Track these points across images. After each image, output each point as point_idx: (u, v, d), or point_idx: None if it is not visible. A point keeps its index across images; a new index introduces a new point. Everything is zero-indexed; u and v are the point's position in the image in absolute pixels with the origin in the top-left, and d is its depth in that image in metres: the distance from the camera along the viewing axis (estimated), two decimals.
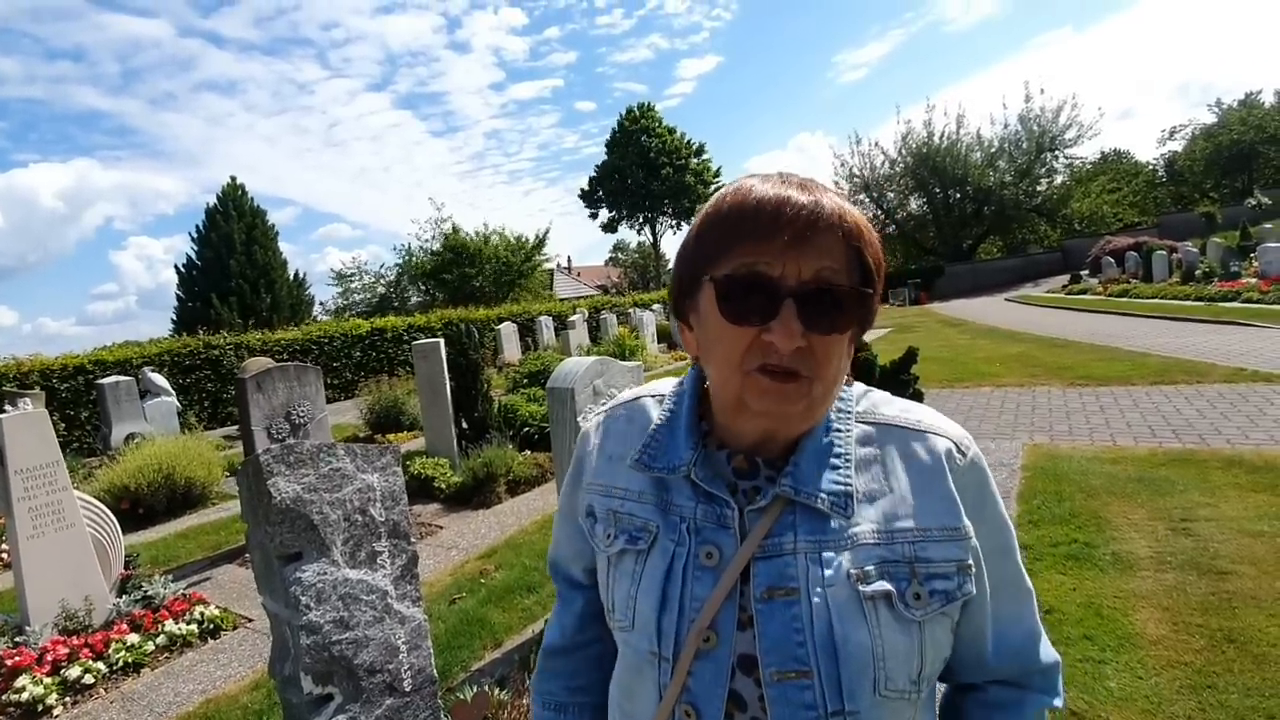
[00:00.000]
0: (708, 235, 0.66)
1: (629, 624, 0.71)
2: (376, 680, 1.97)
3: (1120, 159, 49.61)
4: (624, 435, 0.79)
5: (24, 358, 11.16)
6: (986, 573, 0.69)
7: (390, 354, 16.24)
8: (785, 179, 0.65)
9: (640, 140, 42.29)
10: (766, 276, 0.62)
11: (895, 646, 0.63)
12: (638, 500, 0.74)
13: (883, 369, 5.27)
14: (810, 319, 0.61)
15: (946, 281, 33.60)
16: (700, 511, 0.70)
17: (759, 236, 0.62)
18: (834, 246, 0.63)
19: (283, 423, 5.32)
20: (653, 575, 0.70)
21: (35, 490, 3.61)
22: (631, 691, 0.74)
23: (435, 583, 4.11)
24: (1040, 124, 35.87)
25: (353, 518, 1.96)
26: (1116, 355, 9.34)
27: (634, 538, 0.73)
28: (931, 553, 0.65)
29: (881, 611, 0.63)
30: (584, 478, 0.82)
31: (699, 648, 0.66)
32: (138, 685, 3.30)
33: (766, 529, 0.67)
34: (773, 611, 0.64)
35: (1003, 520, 0.72)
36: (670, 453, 0.72)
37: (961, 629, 0.70)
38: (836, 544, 0.65)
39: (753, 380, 0.64)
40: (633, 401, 0.82)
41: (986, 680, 0.75)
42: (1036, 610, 0.76)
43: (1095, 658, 2.58)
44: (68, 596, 3.65)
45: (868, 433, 0.71)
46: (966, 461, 0.70)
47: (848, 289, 0.63)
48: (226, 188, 26.27)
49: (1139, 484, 4.32)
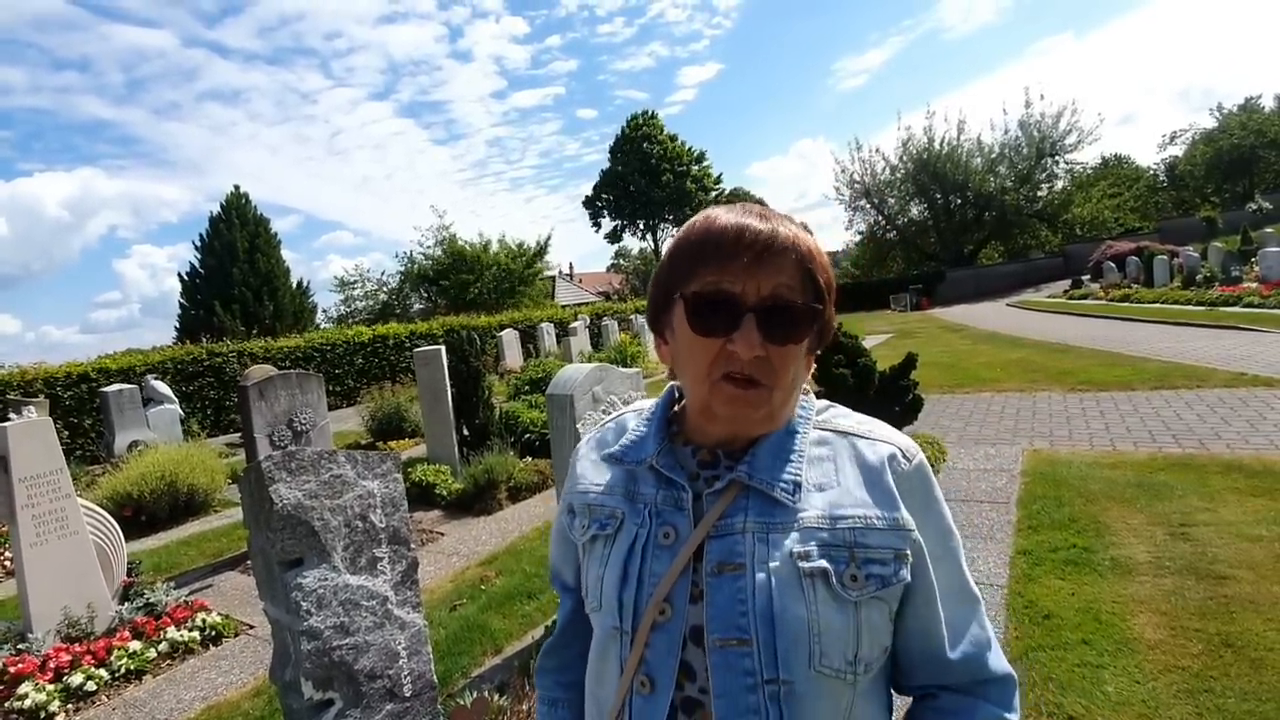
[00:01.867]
0: (679, 259, 0.74)
1: (597, 604, 0.78)
2: (377, 686, 1.98)
3: (1121, 164, 49.62)
4: (609, 444, 0.88)
5: (28, 366, 11.22)
6: (935, 575, 0.74)
7: (392, 361, 16.28)
8: (746, 209, 0.74)
9: (643, 147, 42.49)
10: (730, 293, 0.70)
11: (830, 622, 0.68)
12: (608, 492, 0.83)
13: (882, 374, 5.29)
14: (768, 331, 0.69)
15: (948, 287, 33.60)
16: (660, 496, 0.78)
17: (722, 258, 0.70)
18: (788, 267, 0.71)
19: (285, 430, 5.34)
20: (617, 555, 0.77)
21: (39, 498, 3.64)
22: (599, 674, 0.80)
23: (436, 589, 4.12)
24: (1041, 129, 35.90)
25: (353, 524, 1.99)
26: (1117, 360, 9.35)
27: (603, 524, 0.81)
28: (871, 539, 0.71)
29: (819, 588, 0.69)
30: (570, 485, 0.90)
31: (655, 620, 0.72)
32: (140, 692, 3.32)
33: (720, 511, 0.73)
34: (720, 585, 0.70)
35: (947, 526, 0.77)
36: (639, 448, 0.82)
37: (911, 625, 0.75)
38: (783, 526, 0.72)
39: (719, 387, 0.72)
40: (619, 417, 0.92)
41: (939, 685, 0.77)
42: (984, 619, 0.78)
43: (1093, 662, 2.58)
44: (70, 604, 3.67)
45: (823, 437, 0.79)
46: (911, 467, 0.76)
47: (801, 305, 0.71)
48: (230, 196, 26.39)
49: (1138, 489, 4.33)
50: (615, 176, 43.58)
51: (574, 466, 0.90)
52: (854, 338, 5.52)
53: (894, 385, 5.28)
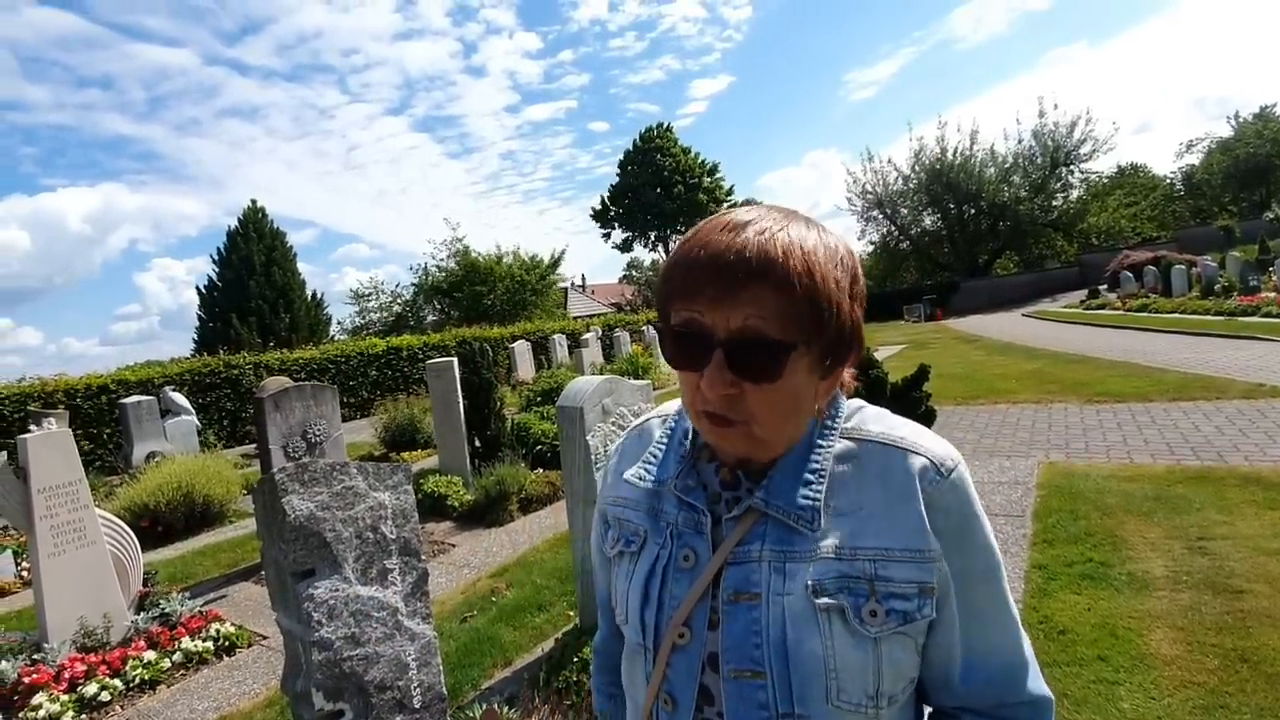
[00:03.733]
0: (662, 287, 0.71)
1: (624, 618, 0.79)
2: (386, 697, 2.00)
3: (1137, 173, 49.23)
4: (634, 453, 0.86)
5: (49, 377, 11.42)
6: (966, 597, 0.69)
7: (406, 373, 16.40)
8: (731, 225, 0.65)
9: (655, 159, 42.73)
10: (700, 326, 0.65)
11: (848, 659, 0.65)
12: (634, 508, 0.82)
13: (894, 386, 5.26)
14: (740, 368, 0.64)
15: (962, 297, 33.42)
16: (681, 518, 0.76)
17: (688, 290, 0.65)
18: (764, 296, 0.62)
19: (299, 441, 5.40)
20: (640, 574, 0.77)
21: (57, 508, 3.69)
22: (631, 678, 0.81)
23: (447, 601, 4.13)
24: (1054, 139, 35.76)
25: (364, 535, 2.01)
26: (1134, 371, 9.23)
27: (629, 541, 0.81)
28: (892, 572, 0.66)
29: (835, 624, 0.66)
30: (603, 492, 0.90)
31: (675, 642, 0.72)
32: (154, 702, 3.35)
33: (739, 537, 0.71)
34: (736, 614, 0.69)
35: (985, 544, 0.70)
36: (662, 467, 0.80)
37: (932, 653, 0.71)
38: (800, 556, 0.68)
39: (701, 422, 0.70)
40: (644, 423, 0.90)
41: (958, 707, 0.73)
42: (1024, 642, 0.73)
43: (1109, 678, 2.55)
44: (87, 614, 3.71)
45: (849, 449, 0.73)
46: (946, 482, 0.69)
47: (772, 340, 0.63)
48: (247, 210, 26.86)
49: (1155, 502, 4.26)
50: (626, 188, 43.84)
51: (606, 475, 0.91)
52: (866, 349, 5.51)
53: (906, 397, 5.25)
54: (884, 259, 43.19)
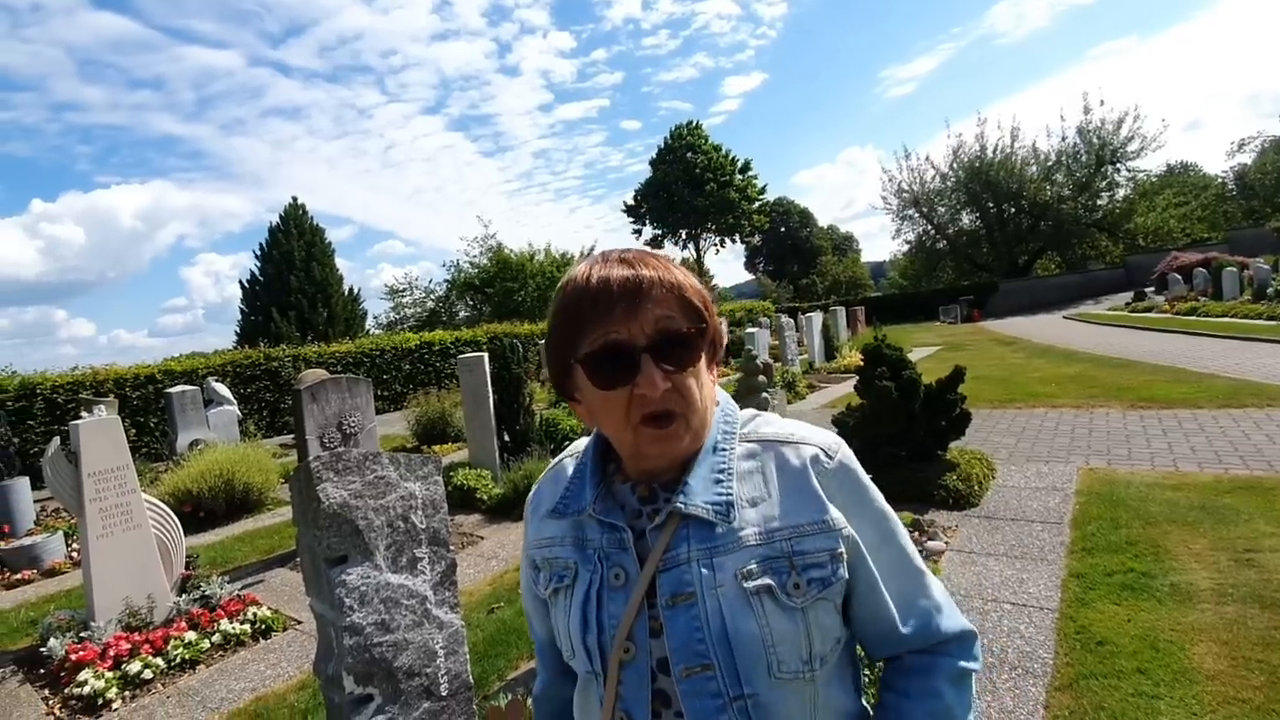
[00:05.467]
0: (563, 326, 0.77)
1: (570, 651, 0.82)
2: (414, 683, 2.03)
3: (1188, 171, 47.44)
4: (550, 495, 0.89)
5: (100, 367, 11.88)
6: (874, 560, 0.78)
7: (438, 367, 16.65)
8: (605, 258, 0.77)
9: (686, 157, 42.58)
10: (619, 342, 0.73)
11: (783, 633, 0.72)
12: (560, 545, 0.85)
13: (928, 388, 5.17)
14: (666, 363, 0.73)
15: (1001, 298, 32.59)
16: (605, 540, 0.80)
17: (600, 312, 0.73)
18: (664, 299, 0.73)
19: (335, 432, 5.52)
20: (576, 603, 0.80)
21: (106, 492, 3.84)
22: (584, 710, 0.84)
23: (475, 591, 4.19)
24: (1100, 136, 34.60)
25: (395, 524, 2.04)
26: (1182, 376, 8.91)
27: (560, 576, 0.83)
28: (806, 545, 0.75)
29: (766, 603, 0.72)
30: (527, 540, 0.93)
31: (621, 659, 0.75)
32: (193, 681, 3.46)
33: (665, 544, 0.76)
34: (676, 616, 0.73)
35: (879, 511, 0.81)
36: (577, 498, 0.84)
37: (860, 613, 0.80)
38: (724, 548, 0.75)
39: (641, 432, 0.75)
40: (557, 465, 0.94)
41: (904, 652, 0.82)
42: (935, 586, 0.83)
43: (1149, 692, 2.46)
44: (132, 594, 3.85)
45: (750, 449, 0.81)
46: (834, 463, 0.79)
47: (685, 331, 0.74)
48: (288, 207, 27.51)
49: (1201, 512, 4.11)
50: (658, 185, 43.78)
51: (528, 524, 0.93)
52: (898, 350, 5.41)
53: (940, 399, 5.15)
54: (919, 259, 42.38)
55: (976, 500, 4.73)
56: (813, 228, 61.16)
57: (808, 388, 11.73)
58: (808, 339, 15.17)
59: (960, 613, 0.84)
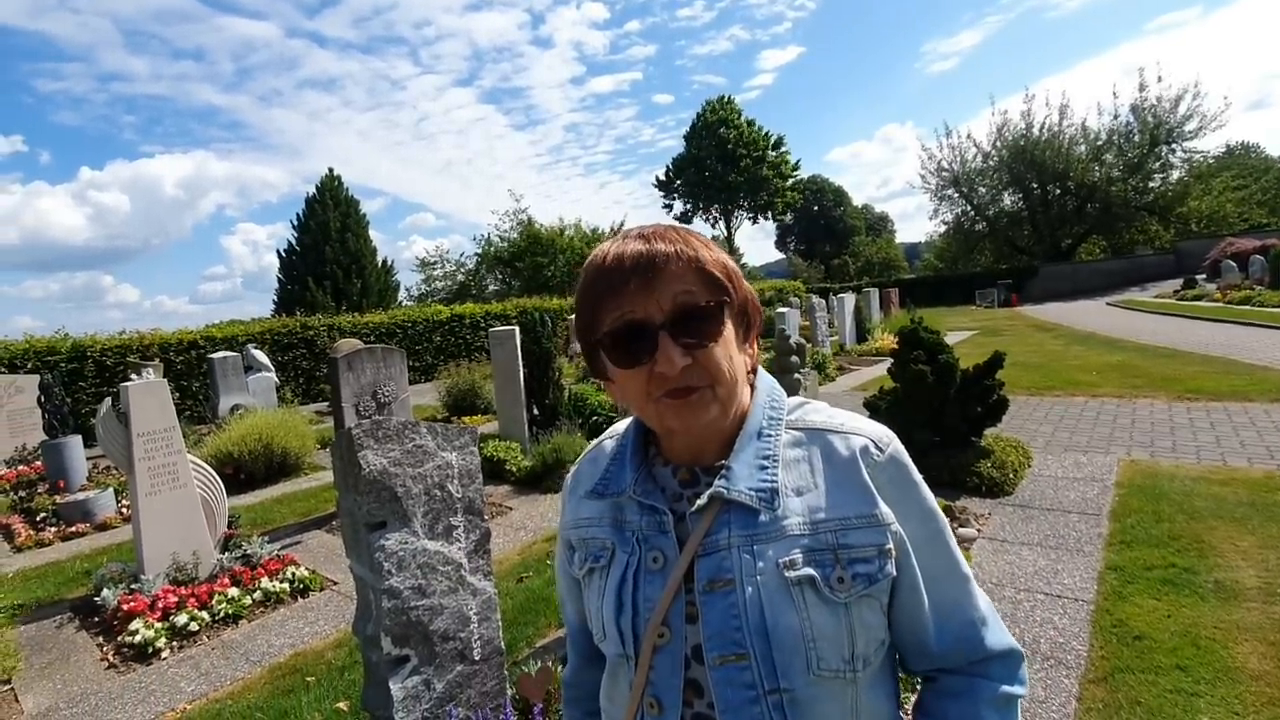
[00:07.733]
0: (582, 309, 0.76)
1: (601, 634, 0.80)
2: (449, 647, 2.08)
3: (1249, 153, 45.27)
4: (590, 475, 0.88)
5: (145, 332, 12.24)
6: (918, 561, 0.75)
7: (468, 340, 16.82)
8: (625, 236, 0.75)
9: (719, 132, 41.93)
10: (636, 320, 0.71)
11: (823, 628, 0.69)
12: (598, 525, 0.83)
13: (964, 373, 5.07)
14: (685, 339, 0.71)
15: (1041, 283, 31.65)
16: (645, 522, 0.78)
17: (614, 290, 0.72)
18: (682, 273, 0.72)
19: (369, 401, 5.62)
20: (611, 584, 0.78)
21: (154, 452, 3.98)
22: (611, 695, 0.82)
23: (504, 560, 4.26)
24: (1156, 114, 32.99)
25: (432, 492, 2.08)
26: (1233, 368, 8.58)
27: (597, 557, 0.82)
28: (852, 539, 0.72)
29: (808, 595, 0.70)
30: (563, 520, 0.92)
31: (655, 643, 0.74)
32: (236, 635, 3.60)
33: (705, 529, 0.74)
34: (713, 602, 0.71)
35: (928, 509, 0.77)
36: (618, 479, 0.82)
37: (897, 615, 0.76)
38: (767, 537, 0.72)
39: (663, 405, 0.73)
40: (596, 447, 0.92)
41: (936, 669, 0.79)
42: (979, 597, 0.79)
43: (1188, 689, 2.41)
44: (178, 550, 4.01)
45: (796, 437, 0.78)
46: (884, 456, 0.76)
47: (705, 304, 0.72)
48: (324, 178, 27.83)
49: (1250, 509, 3.98)
50: (690, 160, 43.27)
51: (564, 505, 0.92)
52: (935, 333, 5.30)
53: (977, 384, 5.04)
54: (957, 240, 41.27)
55: (1011, 488, 4.64)
56: (847, 207, 59.97)
57: (838, 370, 11.59)
58: (839, 320, 14.93)
59: (1007, 630, 0.79)
